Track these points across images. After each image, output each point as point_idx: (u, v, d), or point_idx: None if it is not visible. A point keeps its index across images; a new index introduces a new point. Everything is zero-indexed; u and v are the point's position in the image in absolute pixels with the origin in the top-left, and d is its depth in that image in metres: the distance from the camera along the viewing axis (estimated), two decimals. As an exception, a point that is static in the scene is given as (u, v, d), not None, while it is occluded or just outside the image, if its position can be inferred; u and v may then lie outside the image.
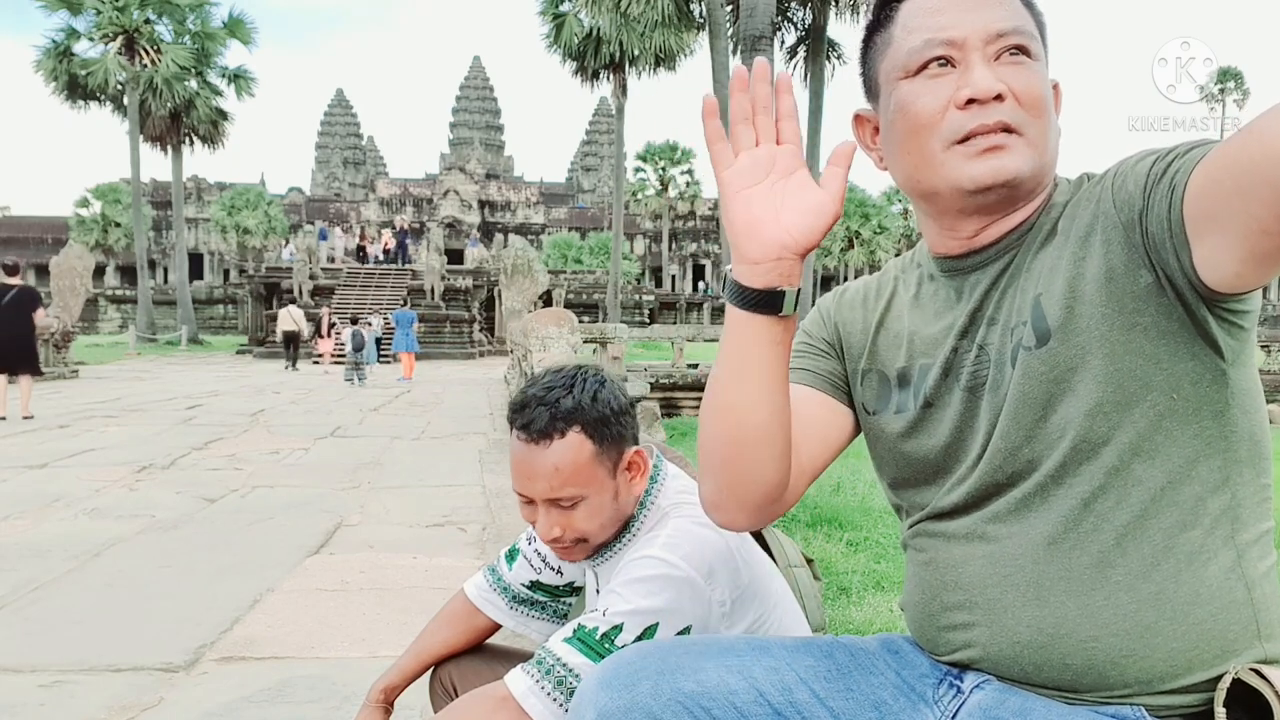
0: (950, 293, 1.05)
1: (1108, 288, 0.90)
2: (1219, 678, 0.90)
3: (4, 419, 9.85)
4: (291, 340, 21.20)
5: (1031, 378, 0.94)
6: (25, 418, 10.07)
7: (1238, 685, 0.89)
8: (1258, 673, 0.88)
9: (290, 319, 21.41)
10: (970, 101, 0.93)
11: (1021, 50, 0.95)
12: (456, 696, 1.45)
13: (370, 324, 19.04)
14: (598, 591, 1.39)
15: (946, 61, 0.96)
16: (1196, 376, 0.90)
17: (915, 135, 0.97)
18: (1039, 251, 0.97)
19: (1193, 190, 0.82)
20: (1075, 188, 0.99)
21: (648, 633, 1.20)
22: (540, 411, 1.26)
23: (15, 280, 10.34)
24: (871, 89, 1.06)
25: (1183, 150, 0.86)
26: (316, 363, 22.52)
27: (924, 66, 0.96)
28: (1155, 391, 0.90)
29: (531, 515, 1.31)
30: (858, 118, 1.09)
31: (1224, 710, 0.88)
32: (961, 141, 0.94)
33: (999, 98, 0.93)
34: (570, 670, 1.19)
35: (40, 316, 10.52)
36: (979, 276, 1.02)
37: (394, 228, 32.32)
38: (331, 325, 22.89)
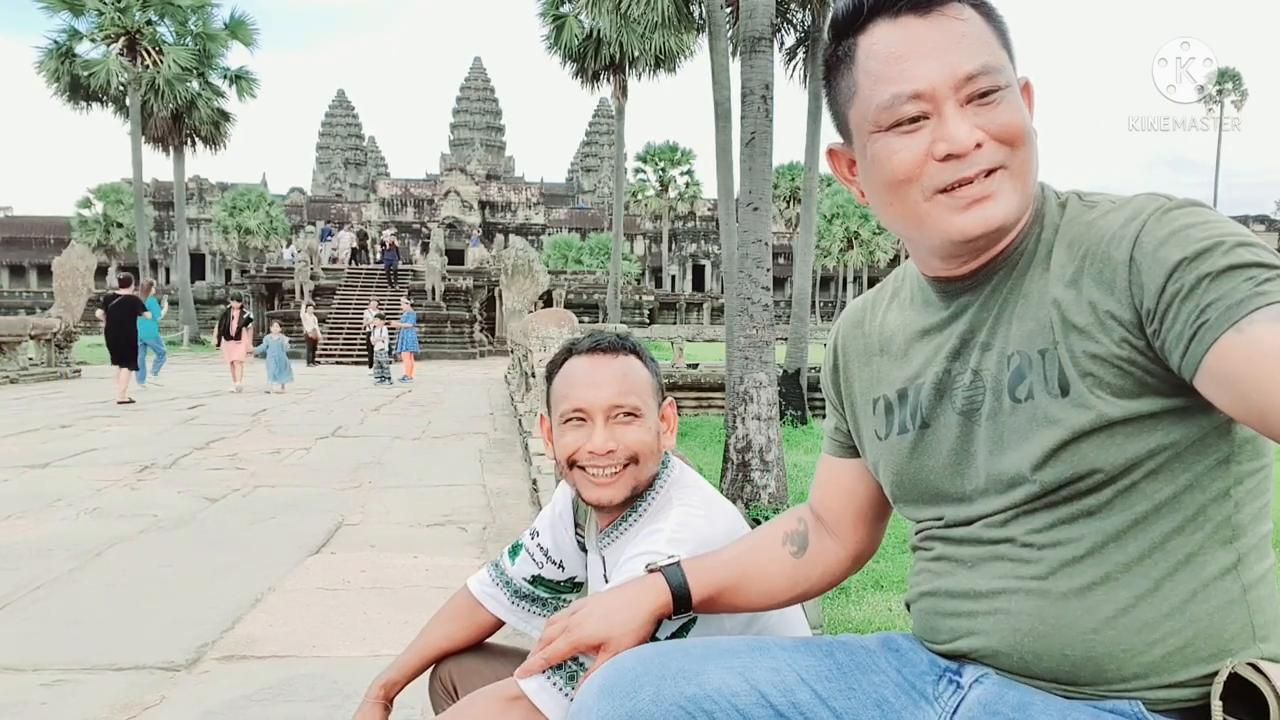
0: (940, 311, 1.05)
1: (1118, 349, 0.89)
2: (1215, 674, 0.90)
3: (132, 402, 12.38)
4: (310, 343, 23.62)
5: (1037, 420, 0.93)
6: (120, 403, 12.14)
7: (1234, 680, 0.89)
8: (1255, 668, 0.88)
9: (306, 321, 23.80)
10: (949, 156, 0.92)
11: (993, 90, 0.93)
12: (456, 695, 1.46)
13: (383, 322, 18.92)
14: (605, 578, 1.40)
15: (919, 114, 0.93)
16: (1206, 403, 0.89)
17: (895, 189, 0.96)
18: (1030, 275, 0.97)
19: (1208, 370, 0.81)
20: (1067, 210, 0.97)
21: None
22: (605, 337, 1.42)
23: (126, 290, 13.18)
24: (842, 129, 1.03)
25: (1210, 293, 0.82)
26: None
27: (896, 122, 0.94)
28: (1167, 422, 0.90)
29: (578, 440, 1.35)
30: (831, 152, 1.07)
31: (1220, 704, 0.88)
32: (944, 191, 0.93)
33: (978, 145, 0.92)
34: (582, 665, 1.19)
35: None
36: (968, 298, 1.02)
37: (383, 244, 32.61)
38: (247, 321, 16.24)
